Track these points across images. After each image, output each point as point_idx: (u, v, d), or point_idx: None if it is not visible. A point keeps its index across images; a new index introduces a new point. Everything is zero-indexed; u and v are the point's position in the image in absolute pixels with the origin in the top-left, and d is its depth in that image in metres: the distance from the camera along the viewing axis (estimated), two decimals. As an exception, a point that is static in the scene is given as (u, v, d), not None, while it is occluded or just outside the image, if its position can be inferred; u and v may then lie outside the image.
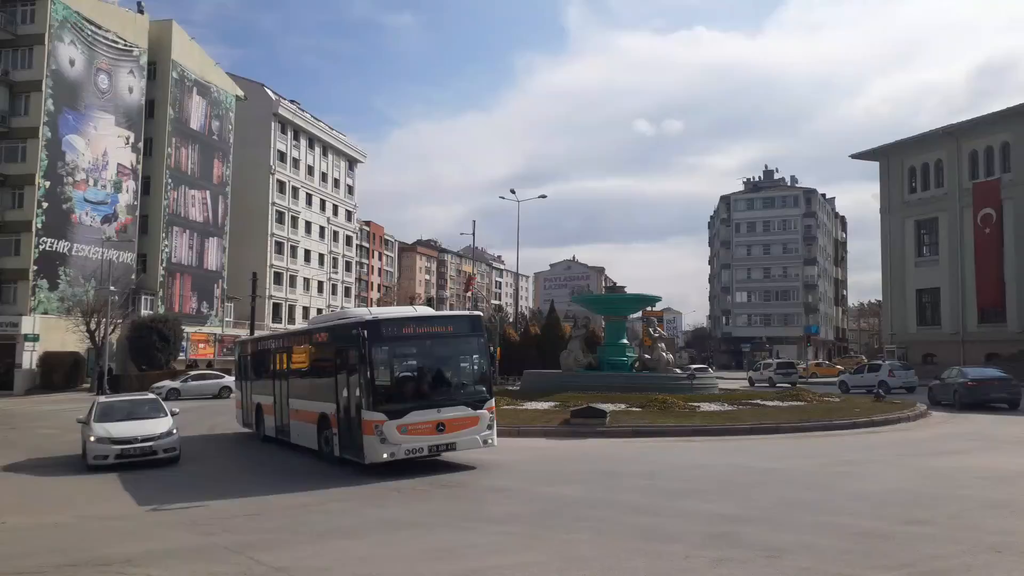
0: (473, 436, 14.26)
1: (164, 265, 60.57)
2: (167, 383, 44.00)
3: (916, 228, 52.08)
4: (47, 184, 50.06)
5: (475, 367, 15.05)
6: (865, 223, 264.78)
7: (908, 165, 52.64)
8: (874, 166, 56.19)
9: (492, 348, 16.24)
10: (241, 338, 37.11)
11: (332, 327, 16.25)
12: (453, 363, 14.92)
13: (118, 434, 15.83)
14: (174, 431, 16.47)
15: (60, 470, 16.11)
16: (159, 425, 16.45)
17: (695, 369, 36.71)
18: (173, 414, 17.39)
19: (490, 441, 14.54)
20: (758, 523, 9.51)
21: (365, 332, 13.73)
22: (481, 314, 15.66)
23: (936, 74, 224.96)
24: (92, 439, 15.80)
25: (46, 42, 49.93)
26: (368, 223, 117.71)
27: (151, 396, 18.54)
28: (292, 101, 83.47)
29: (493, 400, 15.01)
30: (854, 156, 56.68)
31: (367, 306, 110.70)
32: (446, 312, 18.63)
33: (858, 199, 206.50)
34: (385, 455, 13.42)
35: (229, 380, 43.08)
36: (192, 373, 46.84)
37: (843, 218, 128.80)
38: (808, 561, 7.75)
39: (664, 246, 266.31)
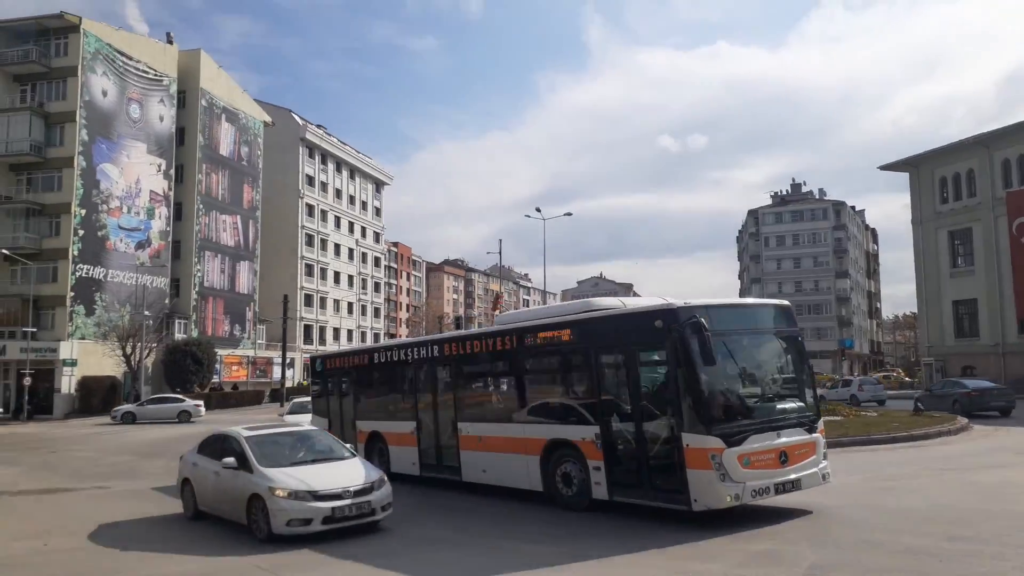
0: (813, 470, 10.76)
1: (197, 289, 61.46)
2: (123, 406, 42.86)
3: (950, 239, 51.23)
4: (82, 212, 51.18)
5: (799, 374, 11.48)
6: (896, 235, 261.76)
7: (939, 175, 51.88)
8: (903, 177, 55.43)
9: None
10: (324, 351, 35.85)
11: (607, 318, 11.71)
12: (779, 368, 11.36)
13: (321, 487, 10.50)
14: (385, 478, 11.40)
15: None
16: (360, 470, 11.29)
17: None
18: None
19: (828, 476, 11.10)
20: (799, 541, 9.31)
21: (702, 320, 9.95)
22: (790, 305, 12.05)
23: (962, 84, 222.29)
24: (281, 494, 10.33)
25: (79, 74, 51.29)
26: (396, 244, 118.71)
27: (310, 426, 13.56)
28: (318, 126, 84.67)
29: (822, 420, 11.60)
30: (883, 167, 55.99)
31: (397, 325, 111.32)
32: (757, 300, 14.15)
33: (888, 211, 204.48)
34: (728, 498, 9.72)
35: (189, 404, 42.28)
36: (149, 397, 46.11)
37: (874, 230, 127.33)
38: (852, 580, 7.58)
39: (691, 261, 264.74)
